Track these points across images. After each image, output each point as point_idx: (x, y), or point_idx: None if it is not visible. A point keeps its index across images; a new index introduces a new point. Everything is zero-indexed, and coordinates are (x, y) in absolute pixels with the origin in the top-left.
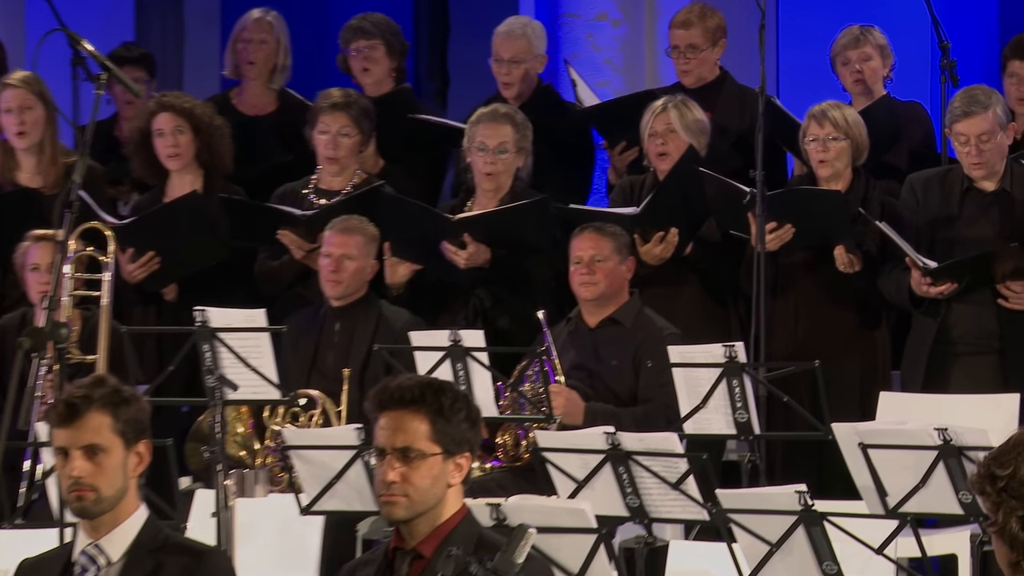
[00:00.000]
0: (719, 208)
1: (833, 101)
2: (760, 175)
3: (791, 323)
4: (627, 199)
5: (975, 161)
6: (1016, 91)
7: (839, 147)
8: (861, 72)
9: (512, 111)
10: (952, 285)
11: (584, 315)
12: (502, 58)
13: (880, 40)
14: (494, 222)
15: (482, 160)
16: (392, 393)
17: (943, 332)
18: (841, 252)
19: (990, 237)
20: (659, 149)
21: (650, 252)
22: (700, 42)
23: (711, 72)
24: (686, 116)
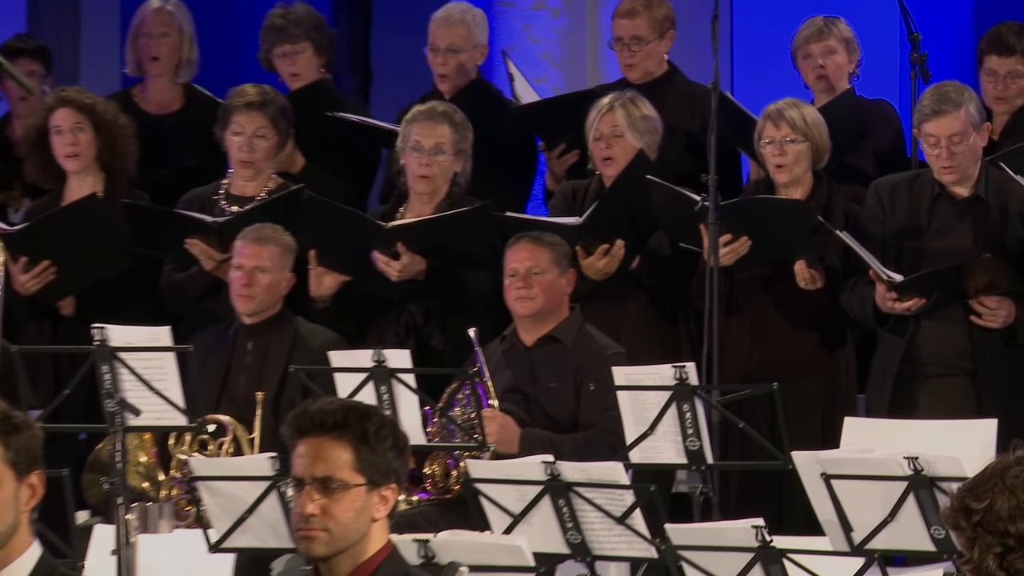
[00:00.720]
0: (667, 219)
1: (791, 99)
2: (713, 180)
3: (747, 343)
4: (569, 207)
5: (946, 164)
6: (993, 89)
7: (797, 150)
8: (824, 67)
9: (451, 110)
10: (920, 301)
11: (520, 333)
12: (438, 47)
13: (846, 33)
14: (430, 230)
15: (417, 162)
16: (312, 418)
17: (911, 352)
18: (802, 267)
19: (963, 248)
20: (605, 153)
21: (593, 266)
22: (646, 33)
23: (658, 66)
24: (634, 116)
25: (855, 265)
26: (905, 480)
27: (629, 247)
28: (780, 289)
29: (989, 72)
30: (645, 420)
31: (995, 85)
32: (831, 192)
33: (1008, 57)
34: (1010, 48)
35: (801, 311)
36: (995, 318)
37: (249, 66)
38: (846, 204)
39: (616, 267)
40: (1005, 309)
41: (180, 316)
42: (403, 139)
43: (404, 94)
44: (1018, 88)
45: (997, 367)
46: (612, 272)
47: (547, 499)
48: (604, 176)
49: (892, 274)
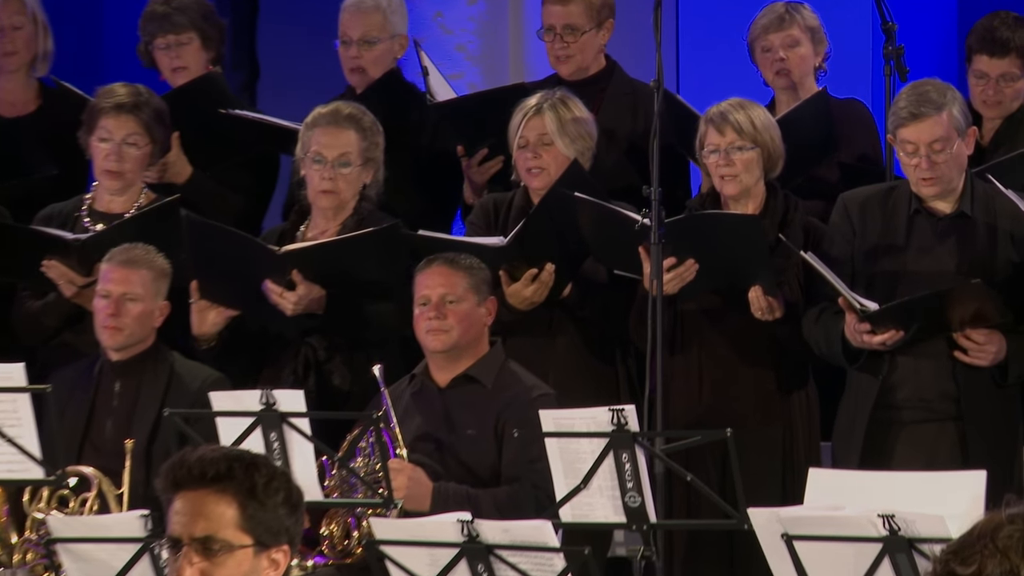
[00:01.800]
0: (600, 242)
1: (736, 99)
2: (656, 193)
3: (695, 383)
4: (489, 224)
5: (925, 176)
6: (982, 93)
7: (746, 158)
8: (785, 61)
9: (358, 112)
10: (897, 333)
11: (432, 371)
12: (350, 38)
13: (811, 21)
14: (331, 255)
15: (319, 175)
16: (191, 469)
17: (886, 394)
18: (757, 295)
19: (945, 272)
20: (531, 163)
21: (519, 294)
22: (581, 22)
23: (595, 61)
24: (565, 119)
25: (820, 292)
26: (879, 541)
27: (560, 272)
28: (732, 321)
29: (978, 74)
30: (577, 472)
31: (985, 89)
32: (788, 206)
33: (1002, 58)
34: (1003, 47)
35: (757, 346)
36: (983, 354)
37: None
38: (806, 219)
39: (545, 295)
40: (994, 344)
41: (36, 351)
42: (303, 147)
43: (295, 93)
44: (1013, 92)
45: (985, 411)
46: (540, 301)
47: (463, 564)
48: (531, 190)
49: (864, 302)
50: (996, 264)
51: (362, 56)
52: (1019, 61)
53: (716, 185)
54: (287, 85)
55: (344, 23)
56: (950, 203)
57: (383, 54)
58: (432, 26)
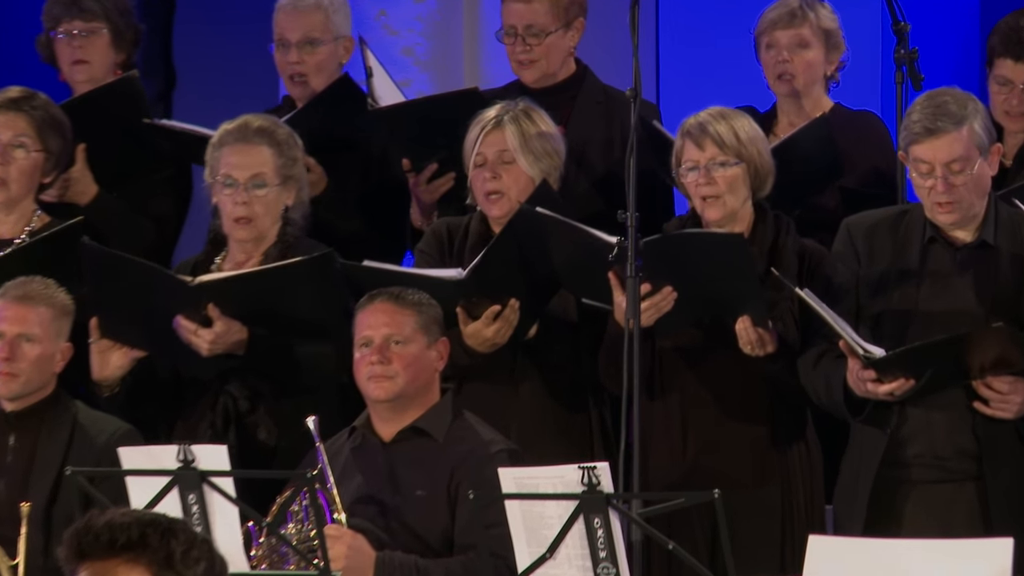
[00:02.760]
0: (570, 268)
1: (717, 108)
2: (633, 219)
3: (677, 434)
4: (442, 251)
5: (942, 200)
6: (1005, 102)
7: (729, 175)
8: (789, 64)
9: (270, 125)
10: (907, 382)
11: (375, 423)
12: (288, 40)
13: (826, 22)
14: (254, 287)
15: (231, 200)
16: (98, 535)
17: (894, 449)
18: (746, 326)
19: (965, 311)
20: (490, 185)
21: (479, 334)
22: (546, 21)
23: (564, 67)
24: (529, 134)
25: (818, 331)
26: None
27: (526, 309)
28: (719, 360)
29: (1001, 80)
30: (543, 540)
31: (1008, 98)
32: (779, 228)
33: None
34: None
35: (749, 391)
36: (1007, 405)
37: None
38: (801, 244)
39: (508, 335)
40: (1020, 394)
41: None
42: (211, 171)
43: (219, 105)
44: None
45: (1010, 470)
46: (503, 342)
47: None
48: (490, 216)
49: (869, 346)
50: (1022, 303)
51: (303, 61)
52: None
53: (696, 208)
54: (209, 96)
55: (280, 24)
56: (970, 231)
57: (327, 58)
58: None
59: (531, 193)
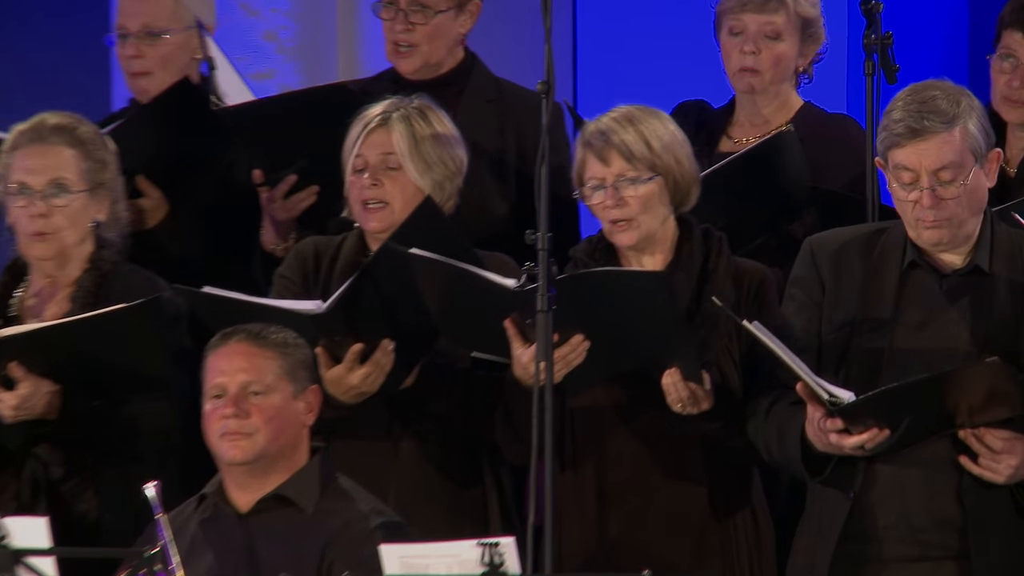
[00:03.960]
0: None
1: (623, 110)
2: (545, 241)
3: (593, 507)
4: (307, 279)
5: (928, 216)
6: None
7: (643, 193)
8: (756, 56)
9: (72, 122)
10: (881, 432)
11: (230, 490)
12: (128, 30)
13: (807, 9)
14: (63, 341)
15: (26, 212)
16: None
17: (860, 519)
18: (674, 381)
19: (953, 348)
20: (369, 193)
21: (342, 380)
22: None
23: (450, 54)
24: (422, 136)
25: (771, 373)
26: None
27: (402, 350)
28: (644, 419)
29: (1005, 53)
30: None
31: (1012, 78)
32: (709, 248)
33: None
34: None
35: (678, 453)
36: (998, 466)
37: None
38: (738, 265)
39: (379, 383)
40: (1017, 452)
41: None
42: (2, 181)
43: (40, 109)
44: None
45: (1002, 548)
46: (372, 391)
47: None
48: (368, 233)
49: (835, 390)
50: (1022, 338)
51: (144, 54)
52: None
53: (606, 233)
54: (27, 100)
55: (121, 11)
56: (961, 254)
57: (175, 51)
58: (231, 6)
59: (411, 212)
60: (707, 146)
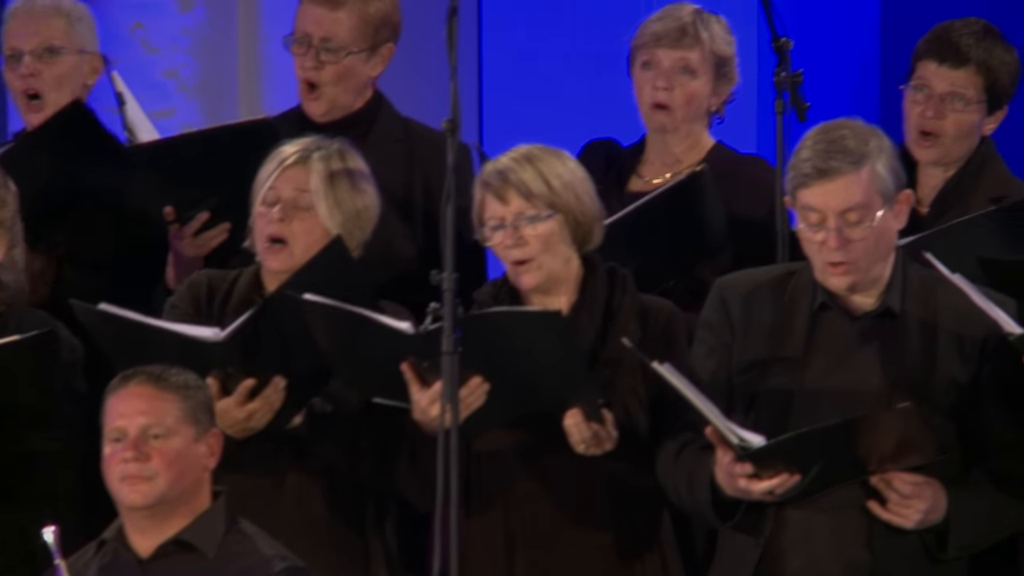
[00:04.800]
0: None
1: (523, 149)
2: (451, 282)
3: (500, 553)
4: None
5: (835, 259)
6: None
7: (542, 231)
8: (669, 93)
9: None
10: (790, 477)
11: (130, 534)
12: (19, 50)
13: (722, 47)
14: None
15: None
16: None
17: (770, 564)
18: (576, 421)
19: (863, 392)
20: (274, 229)
21: (231, 413)
22: (349, 39)
23: (358, 95)
24: (339, 178)
25: (680, 417)
26: None
27: (294, 388)
28: (548, 461)
29: (920, 85)
30: None
31: (925, 109)
32: (613, 286)
33: (955, 68)
34: (960, 55)
35: (585, 496)
36: (907, 511)
37: None
38: (643, 303)
39: (267, 420)
40: (926, 498)
41: None
42: None
43: None
44: (961, 125)
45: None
46: (258, 427)
47: None
48: (266, 271)
49: (745, 434)
50: (934, 382)
51: (39, 73)
52: (978, 80)
53: (510, 275)
54: None
55: (11, 32)
56: (872, 296)
57: (69, 72)
58: (130, 42)
59: (319, 251)
60: (616, 185)
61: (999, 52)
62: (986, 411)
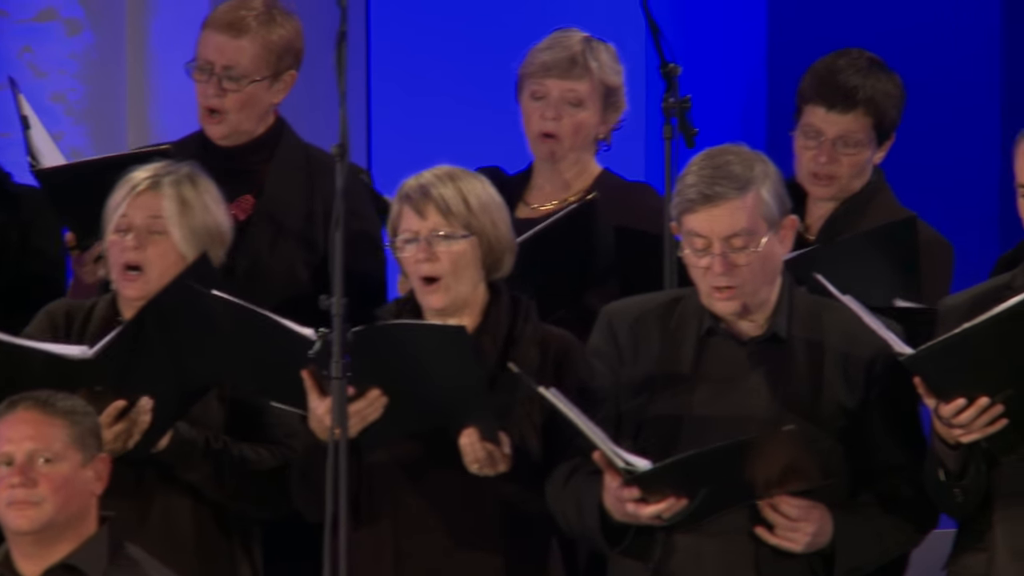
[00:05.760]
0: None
1: (446, 168)
2: (340, 307)
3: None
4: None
5: (720, 284)
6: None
7: (456, 251)
8: (558, 123)
9: None
10: (678, 502)
11: (17, 559)
12: None
13: (610, 77)
14: None
15: None
16: None
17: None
18: (472, 440)
19: (750, 416)
20: (130, 256)
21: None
22: (252, 67)
23: (261, 120)
24: (191, 203)
25: (569, 442)
26: None
27: (162, 407)
28: (440, 479)
29: (809, 132)
30: None
31: (817, 155)
32: (516, 314)
33: (844, 112)
34: (847, 97)
35: (475, 516)
36: (795, 535)
37: None
38: (544, 332)
39: (134, 442)
40: (813, 521)
41: None
42: None
43: None
44: (853, 164)
45: None
46: (127, 450)
47: None
48: (122, 296)
49: (633, 458)
50: (821, 405)
51: None
52: (867, 121)
53: (417, 293)
54: None
55: None
56: (759, 321)
57: None
58: (18, 66)
59: (184, 269)
60: None
61: (884, 86)
62: (873, 434)
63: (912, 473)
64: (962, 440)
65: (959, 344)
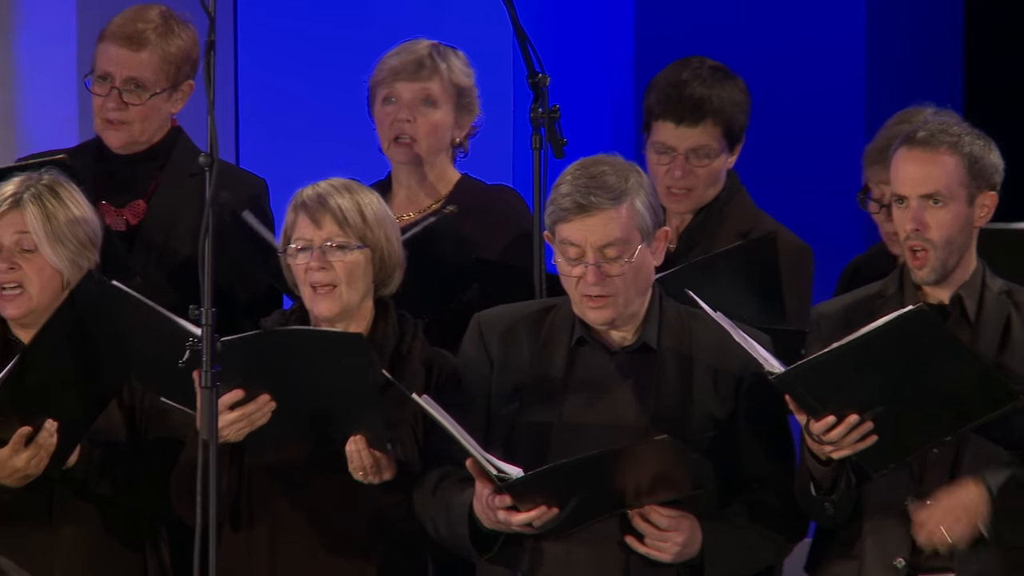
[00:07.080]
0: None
1: (341, 180)
2: (209, 316)
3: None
4: None
5: (592, 292)
6: (667, 176)
7: (349, 261)
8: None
9: None
10: (549, 511)
11: None
12: None
13: (460, 78)
14: None
15: None
16: None
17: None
18: (359, 448)
19: (620, 425)
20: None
21: (8, 463)
22: (153, 79)
23: (159, 129)
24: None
25: (441, 451)
26: None
27: (68, 429)
28: (321, 485)
29: (661, 148)
30: None
31: (671, 170)
32: (403, 330)
33: (693, 125)
34: (696, 109)
35: (350, 525)
36: (665, 544)
37: None
38: (430, 351)
39: (43, 465)
40: (682, 531)
41: None
42: None
43: None
44: (708, 174)
45: None
46: (37, 473)
47: None
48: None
49: (504, 466)
50: (691, 416)
51: None
52: (717, 130)
53: (307, 300)
54: None
55: None
56: (629, 331)
57: None
58: None
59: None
60: None
61: (730, 94)
62: (743, 445)
63: (782, 483)
64: (833, 456)
65: (828, 363)
